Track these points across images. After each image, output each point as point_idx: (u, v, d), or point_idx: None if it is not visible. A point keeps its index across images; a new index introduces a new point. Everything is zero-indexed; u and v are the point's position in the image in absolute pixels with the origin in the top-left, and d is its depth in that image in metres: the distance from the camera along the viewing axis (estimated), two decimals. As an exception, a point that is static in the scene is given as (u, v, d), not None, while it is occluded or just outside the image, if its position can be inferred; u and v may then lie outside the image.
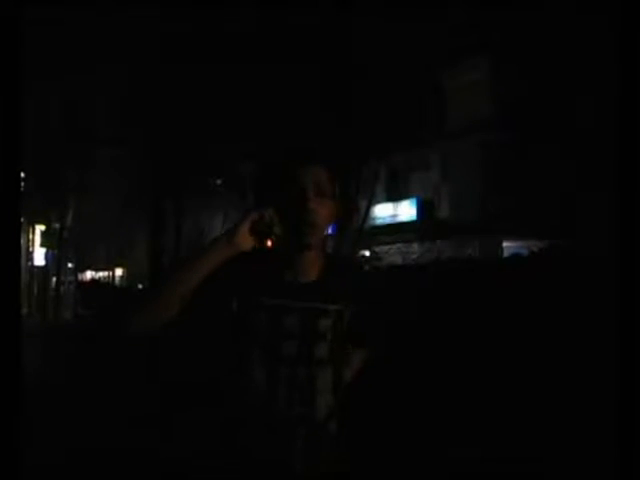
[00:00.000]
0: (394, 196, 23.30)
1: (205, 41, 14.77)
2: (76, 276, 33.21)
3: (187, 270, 1.84)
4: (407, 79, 15.01)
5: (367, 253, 22.28)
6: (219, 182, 22.34)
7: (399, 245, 22.13)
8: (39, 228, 26.29)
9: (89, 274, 51.74)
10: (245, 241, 1.82)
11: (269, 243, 1.84)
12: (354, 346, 1.94)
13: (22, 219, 27.38)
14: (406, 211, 22.75)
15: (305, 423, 1.85)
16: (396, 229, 22.13)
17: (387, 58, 14.32)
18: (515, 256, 9.58)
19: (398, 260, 20.63)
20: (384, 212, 23.17)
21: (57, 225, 25.88)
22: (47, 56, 15.62)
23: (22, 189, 25.98)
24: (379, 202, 21.91)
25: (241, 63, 14.60)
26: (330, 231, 15.92)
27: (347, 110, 14.39)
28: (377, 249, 22.33)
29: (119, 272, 48.66)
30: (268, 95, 14.38)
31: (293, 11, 13.45)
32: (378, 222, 22.66)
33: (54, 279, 27.21)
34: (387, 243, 22.02)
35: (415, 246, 21.75)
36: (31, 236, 27.20)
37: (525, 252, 13.29)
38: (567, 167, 15.82)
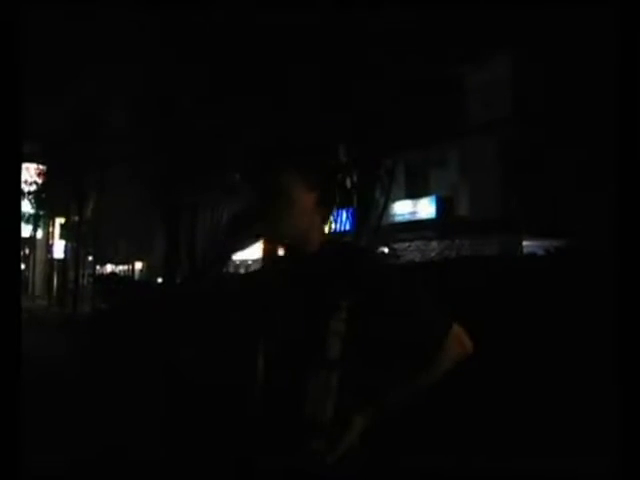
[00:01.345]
0: (413, 193, 23.21)
1: (222, 34, 14.75)
2: (95, 269, 33.45)
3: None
4: (426, 75, 14.89)
5: (385, 250, 22.23)
6: (237, 177, 22.37)
7: (417, 243, 22.04)
8: (59, 221, 26.56)
9: (109, 267, 52.12)
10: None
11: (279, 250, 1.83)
12: (359, 351, 1.78)
13: (41, 212, 27.72)
14: (425, 209, 22.66)
15: (312, 428, 1.72)
16: (415, 226, 22.04)
17: (406, 53, 14.22)
18: (534, 255, 9.48)
19: (416, 257, 20.54)
20: (403, 209, 23.09)
21: (76, 218, 26.06)
22: (66, 52, 15.76)
23: (42, 181, 26.29)
24: (398, 199, 21.83)
25: (256, 58, 14.58)
26: (348, 226, 15.90)
27: (364, 107, 14.30)
28: (396, 246, 22.27)
29: (138, 266, 48.99)
30: (285, 87, 14.34)
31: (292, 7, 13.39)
32: (397, 219, 22.59)
33: (73, 272, 27.42)
34: (406, 240, 21.94)
35: (434, 244, 21.65)
36: (51, 229, 27.47)
37: (543, 251, 13.13)
38: (587, 165, 15.64)
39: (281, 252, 1.89)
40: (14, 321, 1.85)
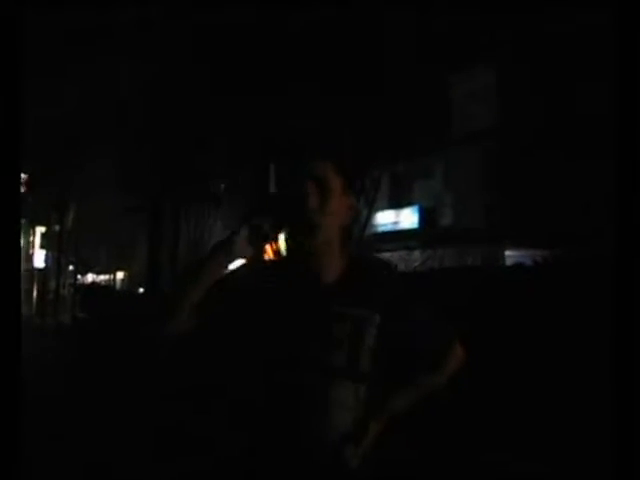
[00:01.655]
0: (396, 203, 23.25)
1: (207, 41, 14.74)
2: (76, 279, 33.17)
3: (190, 282, 1.70)
4: (411, 85, 14.96)
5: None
6: (222, 186, 22.33)
7: (400, 253, 22.06)
8: (39, 230, 26.34)
9: (89, 277, 51.75)
10: (244, 250, 1.69)
11: (268, 251, 1.73)
12: (390, 363, 1.79)
13: (22, 221, 27.49)
14: (408, 219, 22.69)
15: (314, 440, 1.68)
16: (398, 236, 22.07)
17: (390, 63, 14.28)
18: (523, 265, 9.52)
19: (399, 267, 20.55)
20: (386, 219, 23.11)
21: (57, 227, 25.86)
22: (43, 55, 15.60)
23: (23, 191, 26.08)
24: (381, 209, 21.86)
25: (242, 64, 14.56)
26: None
27: (348, 117, 14.33)
28: (378, 256, 22.27)
29: (120, 275, 48.69)
30: (269, 95, 14.33)
31: (293, 11, 13.42)
32: (380, 229, 22.61)
33: (54, 282, 27.18)
34: (389, 250, 21.95)
35: (417, 254, 21.68)
36: (31, 238, 27.22)
37: (528, 261, 13.19)
38: (572, 175, 15.74)
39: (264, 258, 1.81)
40: (13, 325, 1.81)
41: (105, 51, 16.52)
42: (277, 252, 1.77)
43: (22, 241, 32.39)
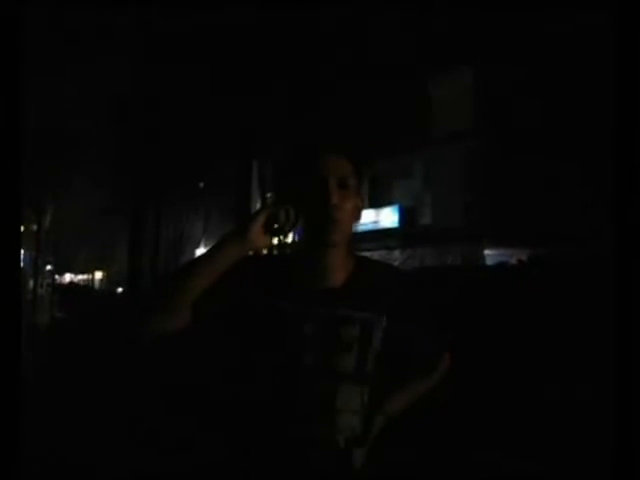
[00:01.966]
0: (376, 203, 23.29)
1: (190, 40, 14.69)
2: (54, 279, 32.90)
3: (195, 273, 1.63)
4: (391, 85, 15.01)
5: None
6: (201, 185, 22.23)
7: (381, 252, 22.11)
8: (17, 230, 26.10)
9: (67, 277, 51.32)
10: (259, 239, 1.63)
11: (286, 242, 1.71)
12: (389, 365, 1.78)
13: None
14: (388, 218, 22.73)
15: (325, 446, 1.66)
16: (377, 236, 22.11)
17: (371, 64, 14.32)
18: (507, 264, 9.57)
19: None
20: (366, 219, 23.13)
21: (35, 227, 25.63)
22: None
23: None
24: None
25: (224, 63, 14.53)
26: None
27: (330, 115, 14.35)
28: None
29: (98, 275, 48.34)
30: (251, 94, 14.31)
31: (278, 15, 13.41)
32: (360, 229, 22.63)
33: (31, 282, 26.93)
34: (369, 250, 21.98)
35: (397, 253, 21.74)
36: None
37: (508, 260, 13.29)
38: (551, 175, 15.87)
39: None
40: (13, 324, 1.80)
41: (85, 50, 16.40)
42: (284, 246, 1.72)
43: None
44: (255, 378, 1.69)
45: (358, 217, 1.74)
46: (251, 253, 1.68)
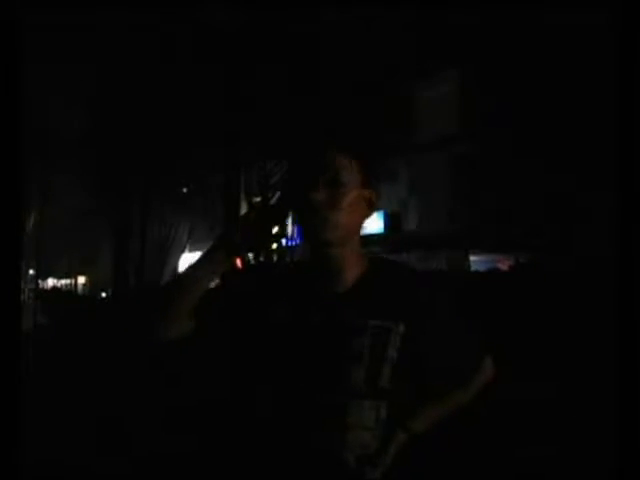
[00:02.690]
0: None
1: (175, 41, 14.64)
2: (37, 284, 32.60)
3: (186, 282, 1.55)
4: (376, 89, 15.03)
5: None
6: (185, 190, 22.14)
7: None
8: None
9: (50, 282, 50.88)
10: (221, 265, 1.54)
11: (238, 264, 1.58)
12: (413, 379, 1.63)
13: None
14: (373, 224, 22.76)
15: (334, 465, 1.53)
16: (363, 241, 22.10)
17: (356, 68, 14.33)
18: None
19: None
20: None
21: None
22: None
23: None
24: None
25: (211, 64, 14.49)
26: (298, 241, 15.87)
27: (312, 119, 14.34)
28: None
29: (82, 280, 47.97)
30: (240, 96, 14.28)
31: (261, 12, 13.40)
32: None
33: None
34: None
35: (382, 259, 21.75)
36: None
37: (494, 265, 13.34)
38: (538, 182, 15.95)
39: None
40: (13, 323, 1.79)
41: (69, 50, 16.30)
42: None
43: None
44: (257, 392, 1.59)
45: (363, 214, 1.62)
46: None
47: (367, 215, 1.64)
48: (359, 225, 1.64)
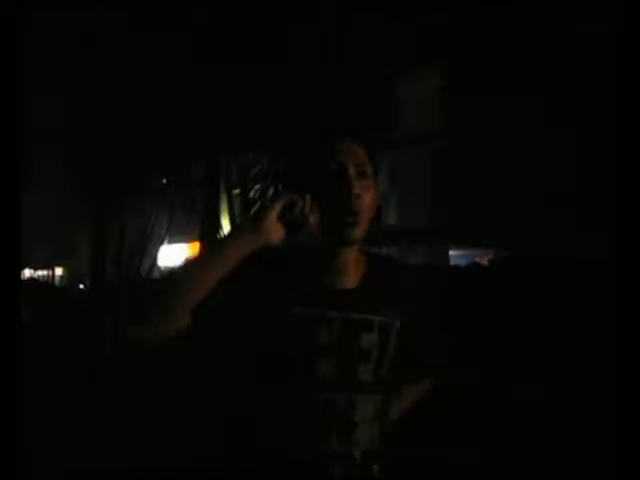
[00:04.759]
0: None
1: (155, 33, 14.53)
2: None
3: (202, 268, 1.43)
4: (358, 84, 15.03)
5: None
6: (164, 181, 21.99)
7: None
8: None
9: (27, 273, 50.39)
10: (275, 231, 1.45)
11: (302, 235, 1.50)
12: (405, 371, 1.66)
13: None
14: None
15: (342, 461, 1.51)
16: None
17: (338, 61, 14.33)
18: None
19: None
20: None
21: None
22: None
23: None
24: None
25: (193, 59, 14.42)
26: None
27: (293, 113, 14.32)
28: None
29: (59, 272, 47.55)
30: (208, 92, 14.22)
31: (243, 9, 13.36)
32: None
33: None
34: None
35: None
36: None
37: (474, 260, 13.42)
38: (516, 178, 16.05)
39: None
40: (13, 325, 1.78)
41: (50, 43, 16.14)
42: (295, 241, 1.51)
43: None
44: (264, 390, 1.55)
45: (374, 212, 1.59)
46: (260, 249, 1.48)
47: (374, 213, 1.61)
48: (370, 222, 1.60)
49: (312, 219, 1.47)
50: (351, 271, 1.58)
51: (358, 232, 1.53)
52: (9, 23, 1.79)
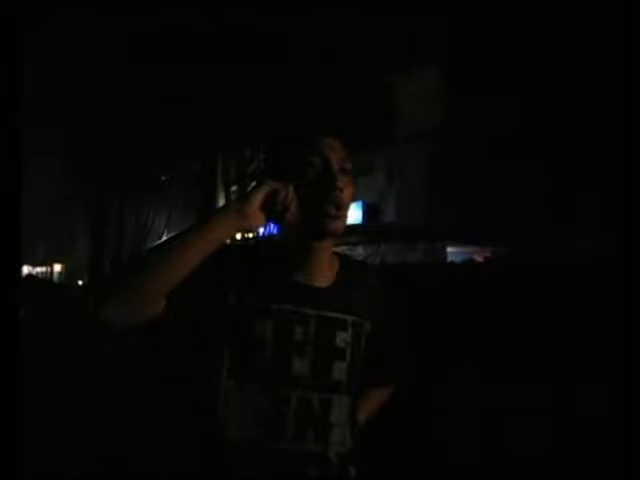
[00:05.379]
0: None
1: (156, 34, 14.53)
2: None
3: (182, 249, 1.35)
4: (357, 81, 15.05)
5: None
6: (163, 178, 22.02)
7: (343, 248, 22.16)
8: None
9: (25, 270, 50.34)
10: (256, 217, 1.40)
11: (283, 223, 1.45)
12: (371, 372, 1.63)
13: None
14: (352, 214, 22.76)
15: (317, 461, 1.48)
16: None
17: (337, 59, 14.33)
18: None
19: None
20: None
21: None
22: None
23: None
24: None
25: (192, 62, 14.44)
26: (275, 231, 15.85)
27: (293, 112, 14.33)
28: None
29: (57, 268, 47.54)
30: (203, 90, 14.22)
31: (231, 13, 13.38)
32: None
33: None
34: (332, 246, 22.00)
35: (360, 249, 21.82)
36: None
37: (472, 257, 13.43)
38: (515, 176, 16.07)
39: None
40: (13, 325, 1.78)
41: (52, 37, 16.14)
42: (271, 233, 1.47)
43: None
44: (238, 388, 1.47)
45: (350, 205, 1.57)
46: (237, 238, 1.49)
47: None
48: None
49: (292, 209, 1.44)
50: (325, 270, 1.56)
51: (338, 226, 1.50)
52: (9, 23, 1.78)
